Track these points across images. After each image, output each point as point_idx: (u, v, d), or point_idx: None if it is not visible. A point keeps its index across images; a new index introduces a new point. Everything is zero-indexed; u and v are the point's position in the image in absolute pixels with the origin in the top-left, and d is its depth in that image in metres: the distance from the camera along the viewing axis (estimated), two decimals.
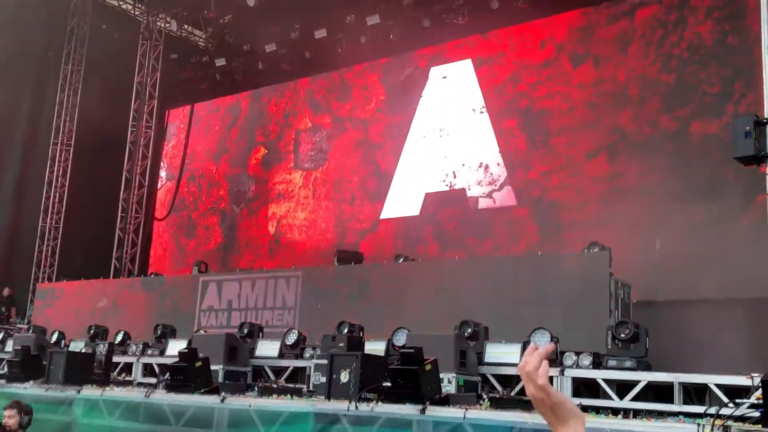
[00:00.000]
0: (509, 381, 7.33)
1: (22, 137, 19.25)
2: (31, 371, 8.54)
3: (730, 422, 4.39)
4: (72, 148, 19.65)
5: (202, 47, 20.37)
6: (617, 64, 13.41)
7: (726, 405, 4.95)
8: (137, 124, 19.41)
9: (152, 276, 14.99)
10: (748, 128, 6.30)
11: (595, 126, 13.44)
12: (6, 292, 17.54)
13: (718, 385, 6.12)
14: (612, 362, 6.75)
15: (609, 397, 6.62)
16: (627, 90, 13.25)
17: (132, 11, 19.79)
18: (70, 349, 10.65)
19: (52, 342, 11.11)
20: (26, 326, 15.31)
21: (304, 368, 8.61)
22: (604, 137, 13.30)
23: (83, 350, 10.09)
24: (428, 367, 5.71)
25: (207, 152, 20.10)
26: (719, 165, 11.60)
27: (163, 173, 20.84)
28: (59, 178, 19.61)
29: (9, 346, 11.16)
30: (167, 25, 19.63)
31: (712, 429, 4.30)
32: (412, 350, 5.82)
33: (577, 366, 6.91)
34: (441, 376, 6.20)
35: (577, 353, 7.02)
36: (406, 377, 5.68)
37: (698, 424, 4.39)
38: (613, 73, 13.40)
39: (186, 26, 20.02)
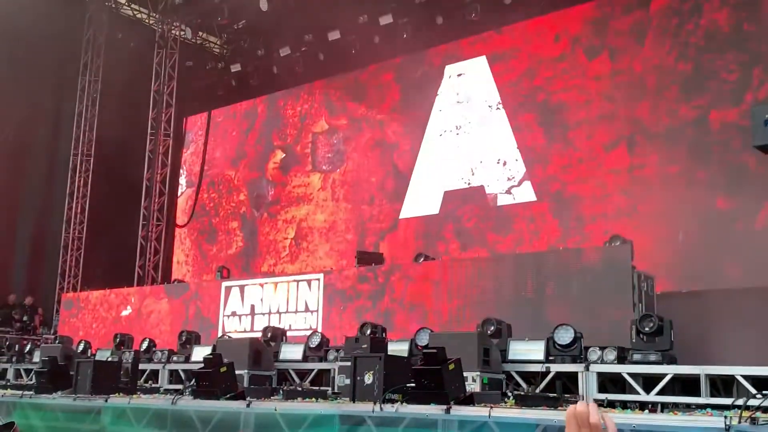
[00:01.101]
0: (534, 378, 7.31)
1: (43, 149, 19.49)
2: (59, 381, 8.62)
3: (758, 413, 4.34)
4: (92, 158, 19.86)
5: (217, 54, 20.51)
6: (633, 54, 13.31)
7: (754, 396, 4.90)
8: (155, 132, 19.57)
9: (175, 283, 15.09)
10: (767, 116, 6.23)
11: (613, 118, 13.35)
12: (28, 300, 17.74)
13: (744, 377, 6.05)
14: (637, 356, 6.69)
15: (635, 392, 6.57)
16: (644, 80, 13.14)
17: (147, 20, 19.94)
18: (97, 358, 10.76)
19: (78, 351, 11.22)
20: (53, 336, 15.50)
21: (328, 370, 8.64)
22: (623, 129, 13.21)
23: (109, 359, 10.19)
24: (451, 367, 5.70)
25: (225, 158, 20.21)
26: (740, 153, 11.49)
27: (182, 180, 20.98)
28: (81, 189, 19.82)
29: (36, 356, 11.30)
30: (182, 32, 19.77)
31: (739, 421, 4.25)
32: (435, 350, 5.82)
33: (602, 361, 6.87)
34: (465, 374, 6.19)
35: (602, 348, 6.97)
36: (430, 377, 5.68)
37: (725, 416, 4.34)
38: (629, 64, 13.31)
39: (201, 33, 20.17)
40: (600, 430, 1.86)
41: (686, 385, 6.57)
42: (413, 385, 5.84)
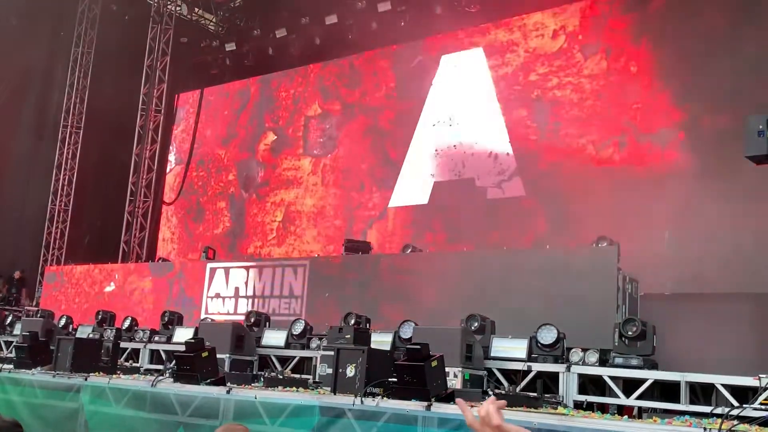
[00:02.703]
0: (515, 376, 7.33)
1: (32, 119, 19.32)
2: (39, 357, 8.57)
3: (737, 425, 4.37)
4: (81, 130, 19.71)
5: (213, 31, 20.33)
6: (629, 54, 13.29)
7: (734, 408, 4.93)
8: (146, 107, 19.42)
9: (160, 261, 15.03)
10: (761, 127, 6.21)
11: (605, 117, 13.35)
12: (17, 275, 17.67)
13: (724, 386, 6.09)
14: (618, 360, 6.71)
15: (615, 395, 6.60)
16: (639, 80, 13.13)
17: None
18: (78, 334, 10.71)
19: (60, 327, 11.16)
20: (35, 308, 15.41)
21: (310, 358, 8.63)
22: (615, 128, 13.21)
23: (91, 335, 10.14)
24: (434, 364, 5.69)
25: (216, 137, 20.09)
26: (731, 159, 11.50)
27: (171, 157, 20.86)
28: (69, 161, 19.69)
29: (17, 329, 11.23)
30: (178, 8, 19.58)
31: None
32: (419, 346, 5.81)
33: (584, 363, 6.89)
34: (447, 369, 6.18)
35: (584, 350, 7.00)
36: (412, 373, 5.67)
37: (705, 428, 4.36)
38: (625, 63, 13.29)
39: (196, 10, 19.99)
40: (502, 430, 1.92)
41: (666, 389, 6.60)
42: (395, 379, 5.83)
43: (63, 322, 11.52)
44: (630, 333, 6.79)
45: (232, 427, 5.40)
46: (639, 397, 6.47)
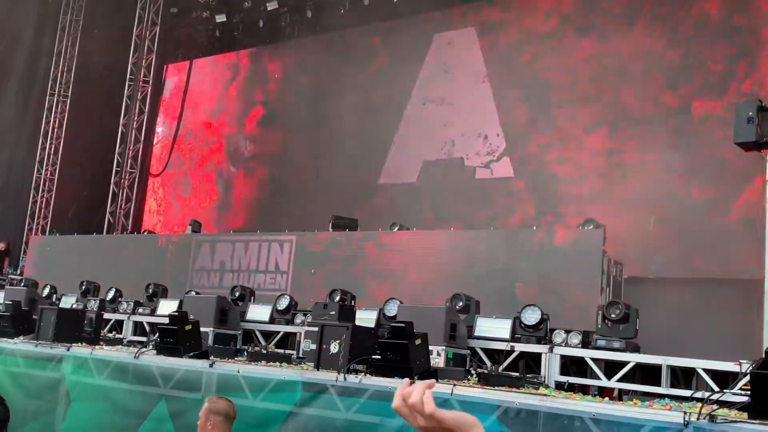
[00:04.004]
0: (498, 355, 7.36)
1: (18, 87, 19.09)
2: (22, 326, 8.53)
3: (717, 409, 4.39)
4: (69, 99, 19.50)
5: (203, 2, 20.07)
6: (622, 38, 13.25)
7: (714, 392, 4.97)
8: (134, 78, 19.22)
9: (146, 233, 14.96)
10: (750, 113, 6.23)
11: (596, 100, 13.33)
12: (2, 246, 17.53)
13: (705, 370, 6.14)
14: (601, 342, 6.75)
15: (596, 377, 6.64)
16: (631, 65, 13.11)
17: None
18: (62, 304, 10.67)
19: (43, 296, 11.10)
20: (19, 277, 15.34)
21: (294, 333, 8.63)
22: (606, 112, 13.20)
23: (74, 306, 10.10)
24: (418, 342, 5.71)
25: (204, 109, 19.93)
26: (719, 144, 11.53)
27: (159, 129, 20.70)
28: (55, 130, 19.51)
29: (0, 297, 11.16)
30: None
31: (698, 417, 4.30)
32: (403, 324, 5.81)
33: (566, 344, 6.92)
34: (431, 348, 6.20)
35: (567, 331, 7.03)
36: (396, 351, 5.68)
37: (685, 412, 4.38)
38: (617, 47, 13.25)
39: None
40: (435, 417, 1.71)
41: (647, 373, 6.64)
42: (378, 357, 5.84)
43: (47, 291, 11.47)
44: (613, 316, 6.82)
45: (217, 401, 5.41)
46: (620, 380, 6.52)
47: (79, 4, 19.74)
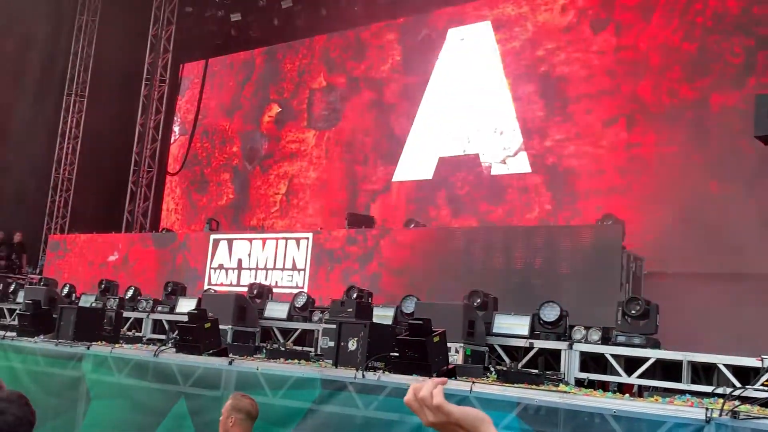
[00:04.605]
0: (516, 352, 7.33)
1: (36, 87, 19.22)
2: (42, 325, 8.59)
3: (739, 405, 4.35)
4: (86, 99, 19.63)
5: (218, 1, 20.13)
6: (639, 31, 13.14)
7: (736, 388, 4.92)
8: (151, 77, 19.32)
9: (164, 231, 15.03)
10: None
11: (613, 94, 13.22)
12: (17, 237, 17.60)
13: (726, 366, 6.08)
14: (621, 338, 6.71)
15: (617, 373, 6.60)
16: (648, 58, 13.00)
17: None
18: (81, 303, 10.74)
19: (63, 295, 11.18)
20: (38, 277, 15.46)
21: (312, 331, 8.65)
22: (623, 106, 13.09)
23: (93, 305, 10.17)
24: (436, 339, 5.69)
25: (220, 108, 19.98)
26: (738, 138, 11.42)
27: (176, 128, 20.78)
28: (72, 129, 19.65)
29: (20, 296, 11.26)
30: None
31: (720, 413, 4.26)
32: (421, 321, 5.80)
33: (586, 341, 6.89)
34: (449, 345, 6.19)
35: (587, 327, 6.99)
36: (414, 348, 5.67)
37: (707, 408, 4.34)
38: (634, 40, 13.14)
39: None
40: (443, 410, 1.75)
41: (668, 368, 6.59)
42: (397, 354, 5.83)
43: (66, 290, 11.55)
44: (633, 312, 6.78)
45: (241, 398, 5.43)
46: (640, 376, 6.47)
47: (95, 5, 19.87)
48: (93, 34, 19.80)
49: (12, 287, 12.11)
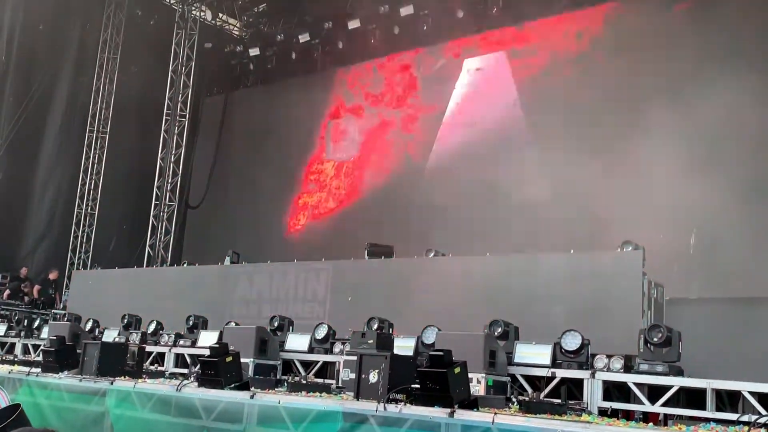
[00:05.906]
0: (538, 382, 7.28)
1: (58, 124, 19.54)
2: (66, 361, 8.65)
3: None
4: (107, 135, 19.93)
5: (237, 36, 20.48)
6: (653, 57, 13.17)
7: (762, 416, 4.88)
8: (172, 112, 19.57)
9: (185, 265, 15.11)
10: None
11: (630, 119, 13.23)
12: (52, 275, 17.77)
13: (751, 393, 6.02)
14: (644, 366, 6.65)
15: (640, 402, 6.55)
16: (660, 84, 13.01)
17: (167, 0, 19.92)
18: (104, 337, 10.81)
19: (86, 330, 11.27)
20: (62, 312, 15.59)
21: (333, 363, 8.64)
22: (640, 131, 13.08)
23: (117, 339, 10.24)
24: (457, 370, 5.68)
25: (240, 141, 20.18)
26: (760, 159, 11.39)
27: (196, 162, 20.96)
28: (95, 165, 19.91)
29: (45, 332, 11.36)
30: (202, 13, 19.74)
31: None
32: (442, 353, 5.79)
33: (608, 369, 6.84)
34: (470, 375, 6.16)
35: (609, 356, 6.95)
36: (435, 379, 5.66)
37: None
38: (649, 67, 13.17)
39: (220, 15, 20.15)
40: None
41: (692, 396, 6.53)
42: (418, 386, 5.82)
43: (90, 325, 11.63)
44: (655, 339, 6.73)
45: None
46: (664, 404, 6.41)
47: (116, 42, 20.23)
48: (114, 72, 20.15)
49: (36, 323, 12.21)
